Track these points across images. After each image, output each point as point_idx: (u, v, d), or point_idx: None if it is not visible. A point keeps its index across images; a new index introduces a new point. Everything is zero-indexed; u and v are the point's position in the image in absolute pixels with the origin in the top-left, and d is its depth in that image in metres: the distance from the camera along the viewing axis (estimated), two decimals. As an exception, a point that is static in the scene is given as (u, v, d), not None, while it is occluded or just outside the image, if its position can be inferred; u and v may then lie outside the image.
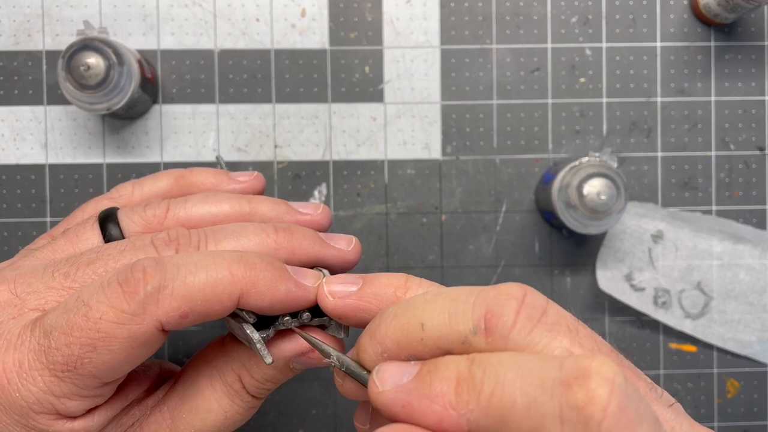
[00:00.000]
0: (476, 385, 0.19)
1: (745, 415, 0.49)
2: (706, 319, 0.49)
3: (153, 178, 0.33)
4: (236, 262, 0.25)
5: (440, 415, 0.19)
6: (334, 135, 0.48)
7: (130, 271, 0.24)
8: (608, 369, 0.18)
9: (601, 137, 0.49)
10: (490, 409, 0.18)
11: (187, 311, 0.24)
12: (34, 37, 0.47)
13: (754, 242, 0.49)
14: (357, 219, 0.48)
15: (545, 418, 0.17)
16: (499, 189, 0.49)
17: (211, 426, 0.27)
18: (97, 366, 0.24)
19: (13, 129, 0.47)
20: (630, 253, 0.48)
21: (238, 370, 0.27)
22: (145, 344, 0.24)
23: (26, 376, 0.24)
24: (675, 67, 0.49)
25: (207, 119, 0.48)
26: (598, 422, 0.17)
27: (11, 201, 0.47)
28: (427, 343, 0.21)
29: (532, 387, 0.18)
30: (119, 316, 0.23)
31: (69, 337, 0.23)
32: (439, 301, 0.22)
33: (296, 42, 0.48)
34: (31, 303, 0.25)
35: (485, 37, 0.49)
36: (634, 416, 0.17)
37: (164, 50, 0.48)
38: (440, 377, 0.20)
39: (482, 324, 0.20)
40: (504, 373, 0.19)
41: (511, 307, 0.20)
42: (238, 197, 0.30)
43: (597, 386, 0.17)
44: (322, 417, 0.48)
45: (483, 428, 0.19)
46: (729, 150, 0.49)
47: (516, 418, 0.18)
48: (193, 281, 0.24)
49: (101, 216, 0.29)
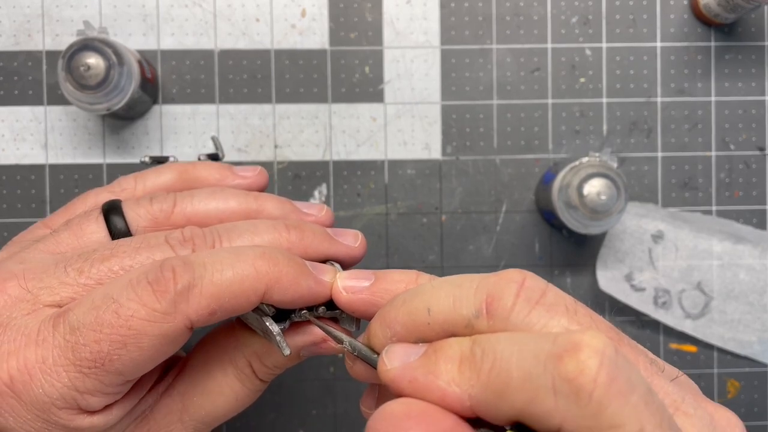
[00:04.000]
0: (477, 362, 0.20)
1: (745, 415, 0.49)
2: (706, 320, 0.49)
3: (156, 171, 0.33)
4: (260, 258, 0.25)
5: (444, 390, 0.20)
6: (334, 135, 0.48)
7: (160, 270, 0.24)
8: (598, 341, 0.18)
9: (601, 137, 0.49)
10: (489, 383, 0.20)
11: (215, 308, 0.24)
12: (34, 37, 0.47)
13: (754, 242, 0.49)
14: (357, 219, 0.48)
15: (539, 390, 0.18)
16: (499, 189, 0.49)
17: (221, 407, 0.28)
18: (125, 363, 0.24)
19: (13, 129, 0.47)
20: (630, 254, 0.48)
21: (249, 357, 0.28)
22: (173, 342, 0.25)
23: (50, 372, 0.24)
24: (675, 67, 0.49)
25: (207, 119, 0.48)
26: (589, 392, 0.18)
27: (11, 201, 0.47)
28: (433, 327, 0.22)
29: (527, 361, 0.19)
30: (151, 315, 0.24)
31: (99, 333, 0.24)
32: (445, 287, 0.23)
33: (296, 42, 0.48)
34: (44, 299, 0.25)
35: (485, 38, 0.49)
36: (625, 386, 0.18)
37: (164, 50, 0.48)
38: (445, 356, 0.21)
39: (484, 308, 0.22)
40: (501, 350, 0.20)
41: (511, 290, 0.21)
42: (245, 194, 0.31)
43: (587, 358, 0.18)
44: (322, 417, 0.48)
45: (483, 402, 0.20)
46: (729, 150, 0.49)
47: (512, 391, 0.19)
48: (220, 279, 0.24)
49: (105, 208, 0.29)
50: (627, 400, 0.18)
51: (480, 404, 0.20)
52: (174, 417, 0.28)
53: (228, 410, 0.29)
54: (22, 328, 0.24)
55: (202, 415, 0.28)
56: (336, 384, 0.48)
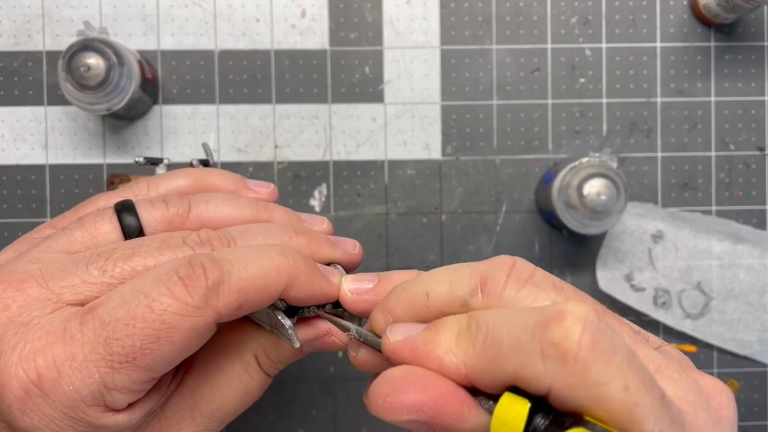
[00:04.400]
0: (472, 334, 0.22)
1: (745, 415, 0.49)
2: (706, 319, 0.49)
3: (170, 176, 0.33)
4: (281, 256, 0.26)
5: (442, 359, 0.22)
6: (334, 135, 0.48)
7: (191, 266, 0.25)
8: (581, 309, 0.20)
9: (601, 137, 0.49)
10: (483, 352, 0.21)
11: (242, 303, 0.25)
12: (34, 37, 0.47)
13: (754, 242, 0.49)
14: (357, 219, 0.48)
15: (528, 355, 0.20)
16: (499, 189, 0.49)
17: (231, 401, 0.29)
18: (155, 358, 0.24)
19: (13, 129, 0.47)
20: (630, 254, 0.48)
21: (255, 350, 0.29)
22: (201, 336, 0.25)
23: (81, 368, 0.24)
24: (675, 67, 0.49)
25: (207, 120, 0.48)
26: (574, 354, 0.19)
27: (11, 201, 0.47)
28: (432, 310, 0.24)
29: (517, 330, 0.20)
30: (184, 309, 0.24)
31: (131, 328, 0.24)
32: (441, 273, 0.25)
33: (296, 42, 0.48)
34: (67, 298, 0.25)
35: (485, 38, 0.49)
36: (607, 348, 0.19)
37: (164, 51, 0.48)
38: (444, 330, 0.23)
39: (478, 287, 0.23)
40: (494, 322, 0.21)
41: (503, 271, 0.23)
42: (257, 203, 0.31)
43: (571, 324, 0.19)
44: (322, 417, 0.48)
45: (478, 370, 0.22)
46: (729, 150, 0.49)
47: (504, 358, 0.21)
48: (246, 275, 0.25)
49: (118, 208, 0.29)
50: (610, 360, 0.19)
51: (475, 372, 0.22)
52: (185, 414, 0.28)
53: (238, 403, 0.29)
54: (47, 326, 0.24)
55: (213, 409, 0.29)
56: (336, 384, 0.48)
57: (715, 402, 0.23)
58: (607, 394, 0.19)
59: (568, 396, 0.19)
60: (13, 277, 0.25)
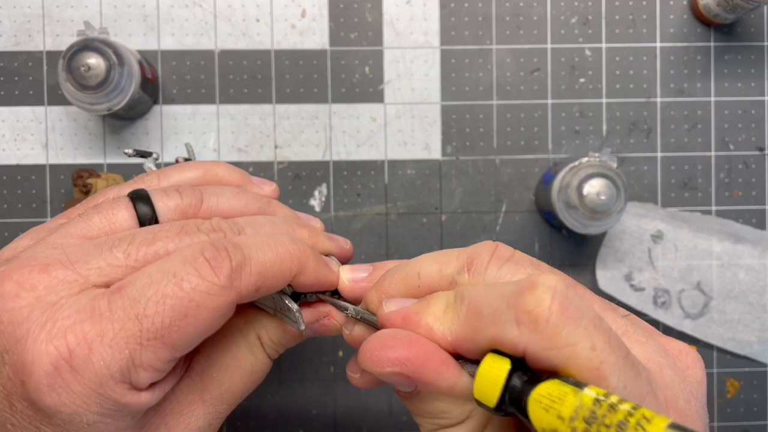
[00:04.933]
0: (457, 306, 0.24)
1: (744, 415, 0.49)
2: (705, 319, 0.49)
3: (180, 168, 0.34)
4: (292, 244, 0.29)
5: (430, 326, 0.25)
6: (334, 135, 0.48)
7: (215, 249, 0.26)
8: (551, 280, 0.22)
9: (601, 137, 0.49)
10: (466, 321, 0.24)
11: (260, 285, 0.27)
12: (34, 37, 0.47)
13: (754, 242, 0.49)
14: (357, 219, 0.48)
15: (506, 323, 0.22)
16: (499, 189, 0.49)
17: (239, 381, 0.30)
18: (181, 336, 0.25)
19: (13, 129, 0.47)
20: (630, 253, 0.48)
21: (259, 331, 0.31)
22: (223, 316, 0.26)
23: (111, 344, 0.24)
24: (675, 67, 0.49)
25: (207, 120, 0.48)
26: (545, 319, 0.21)
27: (12, 201, 0.47)
28: (422, 288, 0.27)
29: (496, 301, 0.23)
30: (211, 288, 0.25)
31: (161, 305, 0.25)
32: (432, 256, 0.27)
33: (296, 42, 0.48)
34: (94, 279, 0.26)
35: (485, 38, 0.49)
36: (575, 313, 0.21)
37: (165, 51, 0.48)
38: (433, 302, 0.25)
39: (465, 266, 0.26)
40: (476, 294, 0.24)
41: (487, 252, 0.26)
42: (262, 198, 0.33)
43: (542, 293, 0.22)
44: (322, 417, 0.48)
45: (462, 337, 0.24)
46: (729, 150, 0.49)
47: (484, 326, 0.23)
48: (264, 259, 0.27)
49: (133, 196, 0.30)
50: (578, 324, 0.21)
51: (459, 339, 0.24)
52: (195, 396, 0.29)
53: (245, 384, 0.30)
54: (75, 305, 0.25)
55: (221, 391, 0.30)
56: (336, 384, 0.48)
57: (681, 362, 0.25)
58: (575, 354, 0.21)
59: (542, 357, 0.21)
60: (37, 261, 0.26)
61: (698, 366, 0.25)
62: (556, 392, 0.20)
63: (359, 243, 0.48)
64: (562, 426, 0.20)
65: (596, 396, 0.20)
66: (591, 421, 0.19)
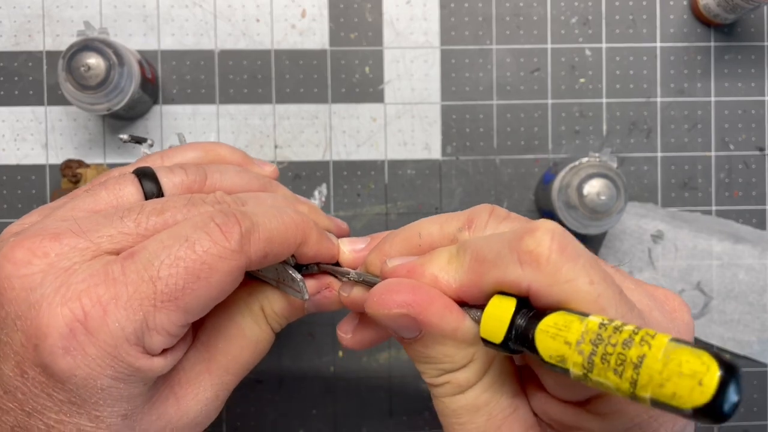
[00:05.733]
0: (461, 256, 0.25)
1: (745, 415, 0.49)
2: (705, 319, 0.49)
3: (181, 149, 0.34)
4: (296, 215, 0.29)
5: (435, 275, 0.26)
6: (335, 135, 0.48)
7: (224, 215, 0.27)
8: (549, 224, 0.23)
9: (601, 137, 0.49)
10: (470, 268, 0.25)
11: (268, 251, 0.28)
12: (34, 37, 0.47)
13: (754, 242, 0.49)
14: (357, 219, 0.48)
15: (508, 264, 0.23)
16: (499, 189, 0.49)
17: (245, 351, 0.31)
18: (193, 298, 0.26)
19: (13, 129, 0.47)
20: (630, 253, 0.48)
21: (262, 302, 0.32)
22: (234, 280, 0.27)
23: (126, 306, 0.25)
24: (675, 67, 0.49)
25: (207, 120, 0.48)
26: (546, 257, 0.22)
27: (12, 201, 0.47)
28: (423, 246, 0.28)
29: (497, 245, 0.24)
30: (222, 251, 0.26)
31: (175, 267, 0.25)
32: (432, 219, 0.28)
33: (296, 42, 0.48)
34: (105, 246, 0.26)
35: (485, 38, 0.49)
36: (573, 252, 0.23)
37: (164, 51, 0.48)
38: (437, 256, 0.26)
39: (465, 224, 0.27)
40: (478, 244, 0.25)
41: (486, 211, 0.27)
42: (265, 179, 0.34)
43: (542, 234, 0.23)
44: (322, 417, 0.48)
45: (467, 284, 0.25)
46: (729, 150, 0.49)
47: (488, 269, 0.24)
48: (271, 227, 0.28)
49: (138, 172, 0.31)
50: (576, 261, 0.22)
51: (464, 286, 0.25)
52: (202, 367, 0.30)
53: (250, 355, 0.31)
54: (88, 270, 0.25)
55: (228, 360, 0.30)
56: (336, 384, 0.48)
57: (669, 306, 0.26)
58: (576, 288, 0.22)
59: (545, 293, 0.22)
60: (47, 231, 0.26)
61: (684, 309, 0.26)
62: (562, 321, 0.21)
63: (359, 243, 0.48)
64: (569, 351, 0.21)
65: (601, 321, 0.20)
66: (597, 343, 0.20)
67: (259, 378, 0.48)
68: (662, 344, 0.19)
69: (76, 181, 0.45)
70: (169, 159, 0.33)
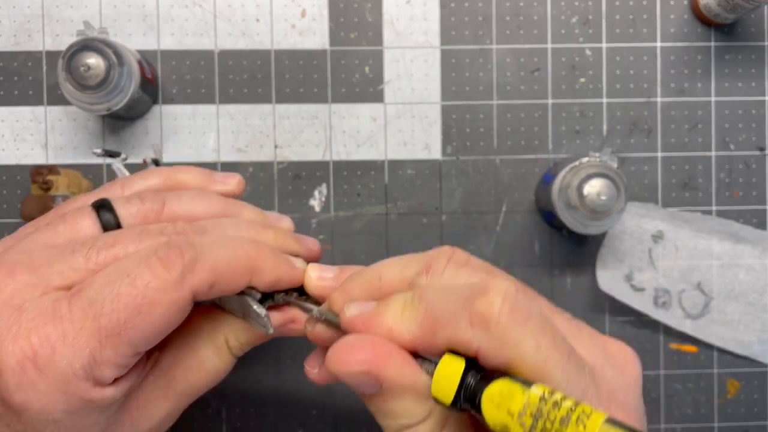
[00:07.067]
0: (415, 307, 0.26)
1: (745, 415, 0.49)
2: (706, 320, 0.49)
3: (141, 176, 0.35)
4: (248, 244, 0.30)
5: (390, 327, 0.26)
6: (334, 135, 0.48)
7: (168, 248, 0.27)
8: (502, 284, 0.24)
9: (601, 137, 0.49)
10: (423, 321, 0.25)
11: (214, 282, 0.28)
12: (34, 37, 0.47)
13: (754, 242, 0.49)
14: (357, 219, 0.48)
15: (460, 323, 0.24)
16: (499, 189, 0.49)
17: (202, 380, 0.31)
18: (138, 332, 0.26)
19: (13, 129, 0.47)
20: (630, 254, 0.48)
21: (227, 334, 0.32)
22: (179, 312, 0.27)
23: (73, 344, 0.26)
24: (675, 67, 0.49)
25: (207, 120, 0.48)
26: (495, 321, 0.23)
27: (12, 201, 0.47)
28: (383, 289, 0.28)
29: (451, 303, 0.24)
30: (163, 284, 0.26)
31: (117, 303, 0.26)
32: (394, 261, 0.29)
33: (296, 42, 0.48)
34: (55, 283, 0.27)
35: (485, 38, 0.49)
36: (524, 315, 0.23)
37: (164, 50, 0.48)
38: (392, 304, 0.27)
39: (424, 269, 0.27)
40: (432, 297, 0.25)
41: (445, 256, 0.28)
42: (226, 200, 0.34)
43: (494, 296, 0.23)
44: (322, 417, 0.48)
45: (419, 337, 0.25)
46: (729, 150, 0.49)
47: (440, 327, 0.24)
48: (219, 257, 0.28)
49: (96, 205, 0.31)
50: (525, 325, 0.23)
51: (417, 339, 0.25)
52: (160, 392, 0.31)
53: (207, 382, 0.32)
54: (38, 308, 0.26)
55: (184, 387, 0.31)
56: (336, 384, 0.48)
57: (620, 360, 0.27)
58: (523, 352, 0.23)
59: (492, 356, 0.23)
60: (4, 266, 0.27)
61: (634, 362, 0.27)
62: (507, 390, 0.22)
63: (359, 243, 0.48)
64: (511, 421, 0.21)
65: (542, 393, 0.21)
66: (538, 417, 0.21)
67: (259, 378, 0.48)
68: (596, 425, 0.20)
69: (47, 189, 0.45)
70: (130, 187, 0.34)
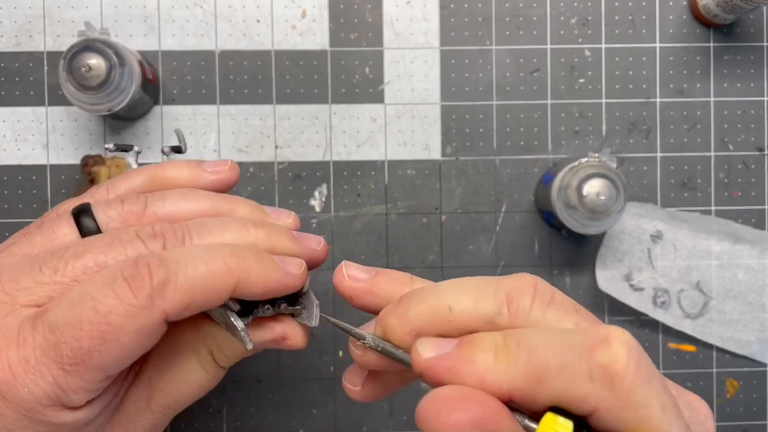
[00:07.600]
0: (513, 353, 0.22)
1: (744, 414, 0.49)
2: (705, 319, 0.49)
3: (127, 176, 0.33)
4: (230, 255, 0.26)
5: (482, 377, 0.22)
6: (335, 136, 0.48)
7: (135, 267, 0.25)
8: (624, 335, 0.21)
9: (601, 138, 0.49)
10: (527, 372, 0.22)
11: (189, 303, 0.25)
12: (35, 38, 0.47)
13: (753, 242, 0.49)
14: (357, 219, 0.48)
15: (576, 377, 0.21)
16: (498, 189, 0.49)
17: (186, 393, 0.30)
18: (105, 359, 0.24)
19: (14, 130, 0.47)
20: (629, 253, 0.48)
21: (211, 346, 0.30)
22: (150, 336, 0.25)
23: (34, 372, 0.24)
24: (674, 67, 0.49)
25: (208, 120, 0.48)
26: (621, 377, 0.20)
27: (12, 201, 0.47)
28: (454, 324, 0.24)
29: (562, 352, 0.21)
30: (128, 310, 0.24)
31: (78, 331, 0.24)
32: (463, 287, 0.25)
33: (297, 43, 0.48)
34: (22, 299, 0.26)
35: (485, 38, 0.49)
36: (647, 372, 0.21)
37: (165, 51, 0.48)
38: (480, 347, 0.23)
39: (505, 306, 0.24)
40: (536, 343, 0.22)
41: (528, 291, 0.24)
42: (216, 195, 0.31)
43: (618, 348, 0.21)
44: (322, 417, 0.48)
45: (521, 389, 0.22)
46: (728, 150, 0.49)
47: (550, 379, 0.21)
48: (193, 274, 0.25)
49: (75, 211, 0.29)
50: (650, 384, 0.21)
51: (517, 390, 0.22)
52: (143, 404, 0.29)
53: (192, 395, 0.30)
54: (3, 329, 0.25)
55: (168, 399, 0.30)
56: (336, 384, 0.48)
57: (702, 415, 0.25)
58: (649, 416, 0.20)
59: (614, 417, 0.20)
60: None
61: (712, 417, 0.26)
62: None
63: (359, 243, 0.48)
64: None
65: None
66: None
67: (259, 378, 0.48)
68: None
69: (92, 180, 0.45)
70: (114, 190, 0.32)
